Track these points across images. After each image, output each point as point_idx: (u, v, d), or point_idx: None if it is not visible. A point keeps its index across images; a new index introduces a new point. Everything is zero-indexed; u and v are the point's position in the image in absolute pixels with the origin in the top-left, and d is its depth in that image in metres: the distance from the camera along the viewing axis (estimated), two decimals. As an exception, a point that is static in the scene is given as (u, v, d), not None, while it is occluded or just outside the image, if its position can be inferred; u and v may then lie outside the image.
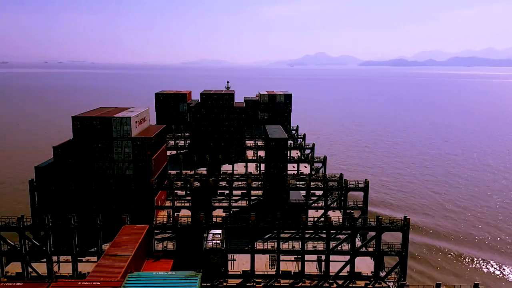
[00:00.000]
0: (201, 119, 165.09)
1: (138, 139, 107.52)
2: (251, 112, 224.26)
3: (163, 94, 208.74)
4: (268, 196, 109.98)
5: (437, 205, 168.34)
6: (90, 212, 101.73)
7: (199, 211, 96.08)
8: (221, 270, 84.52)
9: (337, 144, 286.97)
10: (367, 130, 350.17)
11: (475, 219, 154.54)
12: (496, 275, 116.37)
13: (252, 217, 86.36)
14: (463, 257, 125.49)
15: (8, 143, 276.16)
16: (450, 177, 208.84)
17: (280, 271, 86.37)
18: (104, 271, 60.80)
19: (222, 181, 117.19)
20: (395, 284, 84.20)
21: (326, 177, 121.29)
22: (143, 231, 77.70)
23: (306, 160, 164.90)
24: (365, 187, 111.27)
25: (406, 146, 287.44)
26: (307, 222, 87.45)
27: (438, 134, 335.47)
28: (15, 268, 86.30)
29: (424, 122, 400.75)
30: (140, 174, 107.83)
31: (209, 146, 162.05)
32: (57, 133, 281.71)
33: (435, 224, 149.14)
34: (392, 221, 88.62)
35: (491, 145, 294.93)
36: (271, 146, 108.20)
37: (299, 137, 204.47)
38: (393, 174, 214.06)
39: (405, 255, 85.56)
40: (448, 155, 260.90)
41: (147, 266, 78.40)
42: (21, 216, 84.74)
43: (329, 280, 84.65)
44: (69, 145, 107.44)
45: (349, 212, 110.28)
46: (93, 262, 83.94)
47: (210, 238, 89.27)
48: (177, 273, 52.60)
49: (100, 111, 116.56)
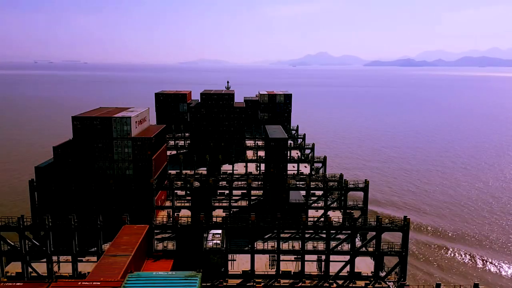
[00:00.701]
0: (201, 119, 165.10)
1: (138, 139, 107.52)
2: (251, 112, 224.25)
3: (163, 94, 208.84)
4: (268, 196, 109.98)
5: (438, 205, 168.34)
6: (90, 212, 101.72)
7: (199, 211, 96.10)
8: (221, 270, 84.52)
9: (337, 144, 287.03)
10: (367, 130, 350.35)
11: (476, 219, 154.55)
12: (496, 275, 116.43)
13: (252, 217, 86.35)
14: (463, 257, 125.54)
15: (8, 143, 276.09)
16: (451, 177, 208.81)
17: (280, 271, 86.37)
18: (104, 271, 60.80)
19: (222, 181, 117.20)
20: (395, 284, 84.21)
21: (326, 177, 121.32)
22: (143, 231, 77.70)
23: (306, 160, 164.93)
24: (365, 187, 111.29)
25: (406, 146, 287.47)
26: (307, 222, 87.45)
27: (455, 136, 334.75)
28: (15, 268, 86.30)
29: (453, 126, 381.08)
30: (140, 174, 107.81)
31: (209, 146, 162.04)
32: (57, 133, 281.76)
33: (436, 224, 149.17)
34: (392, 221, 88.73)
35: (494, 146, 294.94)
36: (271, 146, 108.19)
37: (299, 137, 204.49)
38: (393, 174, 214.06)
39: (405, 255, 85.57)
40: (449, 154, 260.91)
41: (147, 266, 78.38)
42: (21, 216, 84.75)
43: (329, 280, 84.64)
44: (69, 145, 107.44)
45: (349, 212, 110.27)
46: (93, 262, 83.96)
47: (210, 238, 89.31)
48: (177, 273, 52.60)
49: (100, 111, 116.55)
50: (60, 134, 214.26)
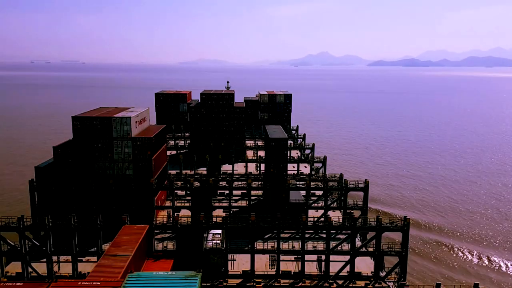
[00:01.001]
0: (201, 119, 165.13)
1: (138, 139, 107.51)
2: (251, 112, 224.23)
3: (163, 94, 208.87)
4: (268, 196, 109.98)
5: (438, 205, 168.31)
6: (90, 212, 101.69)
7: (199, 211, 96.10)
8: (221, 270, 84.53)
9: (337, 144, 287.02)
10: (368, 131, 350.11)
11: (476, 219, 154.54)
12: (497, 275, 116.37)
13: (252, 217, 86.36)
14: (463, 257, 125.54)
15: (8, 143, 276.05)
16: (451, 177, 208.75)
17: (280, 271, 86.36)
18: (104, 271, 60.80)
19: (222, 181, 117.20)
20: (395, 284, 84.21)
21: (326, 177, 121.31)
22: (143, 231, 77.69)
23: (306, 160, 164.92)
24: (365, 187, 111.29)
25: (406, 146, 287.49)
26: (307, 222, 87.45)
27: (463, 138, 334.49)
28: (15, 268, 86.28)
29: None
30: (140, 174, 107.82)
31: (209, 146, 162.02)
32: (57, 133, 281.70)
33: (436, 224, 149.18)
34: (392, 221, 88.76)
35: (495, 145, 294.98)
36: (271, 146, 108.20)
37: (299, 137, 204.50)
38: (393, 174, 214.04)
39: (405, 255, 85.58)
40: (449, 155, 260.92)
41: (147, 266, 78.38)
42: (21, 216, 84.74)
43: (329, 280, 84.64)
44: (69, 145, 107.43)
45: (349, 212, 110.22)
46: (93, 262, 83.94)
47: (210, 238, 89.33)
48: (177, 273, 52.61)
49: (100, 111, 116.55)
50: (59, 134, 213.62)
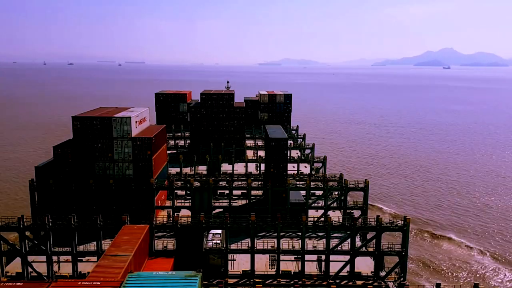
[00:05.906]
0: (201, 119, 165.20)
1: (138, 139, 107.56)
2: (251, 112, 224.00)
3: (163, 94, 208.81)
4: (268, 196, 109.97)
5: (438, 205, 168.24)
6: (90, 212, 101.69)
7: (199, 211, 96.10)
8: (221, 270, 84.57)
9: (337, 144, 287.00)
10: (367, 131, 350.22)
11: (477, 219, 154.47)
12: (497, 275, 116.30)
13: (252, 217, 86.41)
14: (464, 257, 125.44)
15: (8, 142, 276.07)
16: (452, 177, 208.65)
17: (280, 271, 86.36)
18: (104, 271, 60.73)
19: (222, 181, 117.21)
20: (395, 284, 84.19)
21: (326, 177, 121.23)
22: (143, 231, 77.67)
23: (306, 160, 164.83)
24: (365, 187, 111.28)
25: (406, 146, 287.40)
26: (307, 222, 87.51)
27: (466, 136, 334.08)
28: (15, 268, 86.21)
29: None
30: (140, 174, 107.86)
31: (209, 146, 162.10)
32: (56, 133, 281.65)
33: (436, 224, 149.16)
34: (392, 221, 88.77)
35: (496, 145, 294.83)
36: (271, 146, 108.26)
37: (299, 137, 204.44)
38: (393, 174, 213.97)
39: (405, 255, 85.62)
40: (450, 155, 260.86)
41: (147, 266, 78.34)
42: (21, 216, 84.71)
43: (329, 280, 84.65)
44: (69, 145, 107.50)
45: (349, 212, 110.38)
46: (93, 262, 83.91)
47: (210, 238, 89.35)
48: (177, 273, 52.58)
49: (100, 111, 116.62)
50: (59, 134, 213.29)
